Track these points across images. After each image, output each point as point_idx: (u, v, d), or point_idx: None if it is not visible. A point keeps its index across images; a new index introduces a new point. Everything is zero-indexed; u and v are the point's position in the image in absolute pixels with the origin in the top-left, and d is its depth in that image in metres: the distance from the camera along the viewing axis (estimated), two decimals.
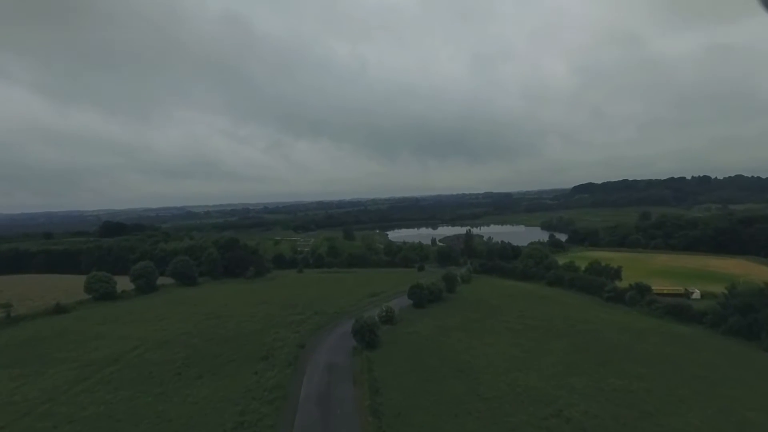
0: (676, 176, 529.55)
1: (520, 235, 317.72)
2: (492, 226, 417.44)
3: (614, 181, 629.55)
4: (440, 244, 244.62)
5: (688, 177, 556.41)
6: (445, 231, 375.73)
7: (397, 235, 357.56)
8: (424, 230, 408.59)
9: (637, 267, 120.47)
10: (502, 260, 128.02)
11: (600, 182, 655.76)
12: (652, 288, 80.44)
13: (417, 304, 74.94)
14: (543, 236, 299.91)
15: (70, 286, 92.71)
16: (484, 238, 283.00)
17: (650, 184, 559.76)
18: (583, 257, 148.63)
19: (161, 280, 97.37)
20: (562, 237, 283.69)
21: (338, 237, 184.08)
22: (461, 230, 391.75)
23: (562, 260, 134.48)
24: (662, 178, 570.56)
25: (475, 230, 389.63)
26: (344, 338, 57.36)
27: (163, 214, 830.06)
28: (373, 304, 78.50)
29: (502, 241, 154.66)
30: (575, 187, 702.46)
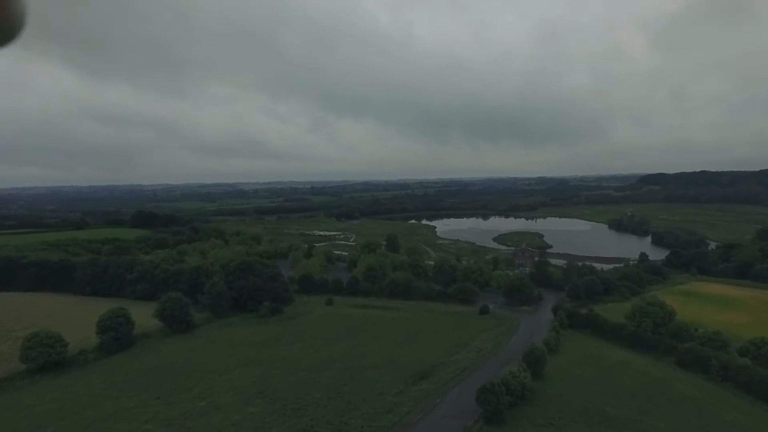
0: (761, 164, 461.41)
1: (586, 235, 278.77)
2: (549, 219, 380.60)
3: (690, 173, 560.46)
4: (500, 247, 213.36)
5: None
6: (498, 224, 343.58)
7: (445, 227, 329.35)
8: (474, 221, 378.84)
9: None
10: (590, 299, 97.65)
11: (673, 172, 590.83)
12: None
13: (491, 418, 47.82)
14: (613, 238, 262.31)
15: (43, 318, 73.60)
16: (545, 238, 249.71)
17: (736, 177, 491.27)
18: (693, 293, 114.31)
19: (146, 323, 75.77)
20: (634, 239, 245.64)
21: (380, 247, 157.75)
22: (515, 222, 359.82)
23: (664, 294, 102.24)
24: (747, 170, 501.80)
25: (531, 223, 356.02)
26: None
27: (214, 191, 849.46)
28: (421, 405, 52.26)
29: (583, 265, 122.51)
30: (644, 177, 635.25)
